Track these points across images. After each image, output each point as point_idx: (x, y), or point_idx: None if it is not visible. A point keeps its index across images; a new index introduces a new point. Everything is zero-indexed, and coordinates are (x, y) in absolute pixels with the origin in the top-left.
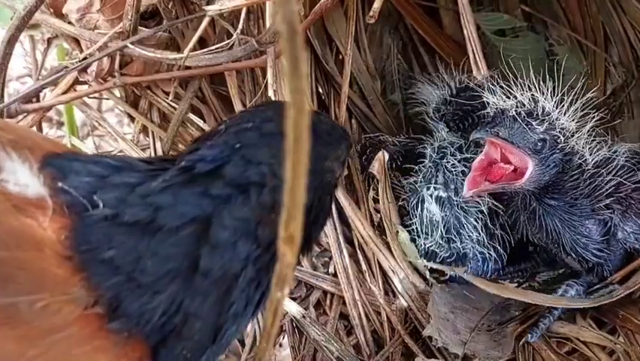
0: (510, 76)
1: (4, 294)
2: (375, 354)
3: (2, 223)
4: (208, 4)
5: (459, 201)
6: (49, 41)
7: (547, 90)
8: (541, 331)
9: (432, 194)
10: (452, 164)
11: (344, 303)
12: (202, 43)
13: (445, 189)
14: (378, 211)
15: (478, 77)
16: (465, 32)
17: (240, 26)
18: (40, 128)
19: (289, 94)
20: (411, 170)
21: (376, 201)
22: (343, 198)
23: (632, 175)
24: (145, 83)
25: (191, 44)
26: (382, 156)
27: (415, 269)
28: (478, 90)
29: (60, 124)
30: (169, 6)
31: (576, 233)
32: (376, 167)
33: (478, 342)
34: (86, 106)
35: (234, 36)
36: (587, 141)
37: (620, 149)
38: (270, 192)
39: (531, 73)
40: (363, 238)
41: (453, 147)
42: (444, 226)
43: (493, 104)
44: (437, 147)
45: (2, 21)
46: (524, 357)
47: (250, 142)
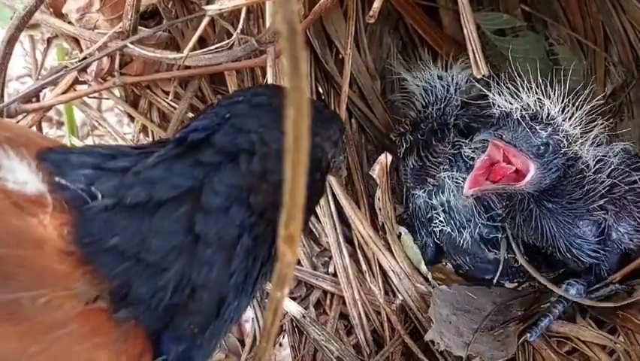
0: (517, 78)
1: (5, 291)
2: (375, 354)
3: (2, 221)
4: (208, 3)
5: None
6: (49, 41)
7: (553, 94)
8: (540, 330)
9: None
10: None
11: (344, 303)
12: (202, 42)
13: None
14: (380, 211)
15: (478, 77)
16: (465, 32)
17: (240, 26)
18: (40, 128)
19: (289, 94)
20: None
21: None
22: (343, 198)
23: (626, 176)
24: (145, 83)
25: (191, 44)
26: (385, 159)
27: (416, 269)
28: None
29: (60, 124)
30: (169, 6)
31: (570, 235)
32: (377, 170)
33: (481, 343)
34: (86, 106)
35: (234, 36)
36: (591, 148)
37: (615, 148)
38: (260, 159)
39: (538, 76)
40: (363, 238)
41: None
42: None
43: (498, 105)
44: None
45: (2, 21)
46: (524, 357)
47: (240, 112)
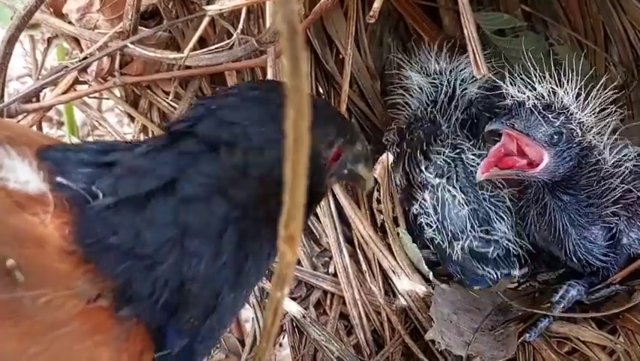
0: (530, 68)
1: (6, 290)
2: (375, 354)
3: (4, 221)
4: (208, 3)
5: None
6: (49, 41)
7: (566, 83)
8: (539, 331)
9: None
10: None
11: (344, 303)
12: (202, 43)
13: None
14: (380, 212)
15: (478, 77)
16: (465, 32)
17: (240, 26)
18: (40, 128)
19: (289, 94)
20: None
21: (379, 201)
22: (343, 198)
23: (639, 183)
24: (145, 83)
25: (191, 44)
26: (386, 159)
27: (416, 269)
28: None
29: (60, 124)
30: (169, 6)
31: (581, 237)
32: (378, 170)
33: (482, 343)
34: (86, 106)
35: (234, 36)
36: (607, 138)
37: (630, 153)
38: (242, 153)
39: (552, 68)
40: (363, 238)
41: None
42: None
43: (511, 95)
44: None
45: (2, 21)
46: (524, 357)
47: (227, 104)
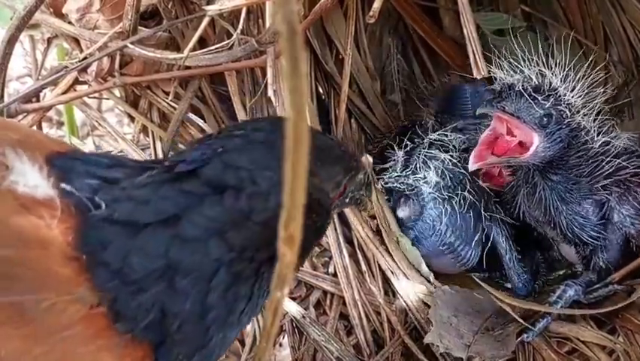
0: (518, 51)
1: (11, 292)
2: (375, 354)
3: (9, 223)
4: (208, 4)
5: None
6: (49, 41)
7: (554, 65)
8: (538, 331)
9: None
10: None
11: (344, 303)
12: (202, 43)
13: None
14: (373, 218)
15: (478, 77)
16: (465, 32)
17: (240, 26)
18: (40, 128)
19: (289, 94)
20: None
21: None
22: None
23: (633, 160)
24: (145, 83)
25: (191, 44)
26: (366, 160)
27: (416, 270)
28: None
29: (60, 124)
30: (169, 6)
31: (573, 213)
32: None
33: (482, 344)
34: (86, 106)
35: (234, 36)
36: (595, 119)
37: (622, 134)
38: (248, 198)
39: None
40: (362, 239)
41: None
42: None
43: (500, 78)
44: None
45: (2, 21)
46: (524, 357)
47: (233, 147)
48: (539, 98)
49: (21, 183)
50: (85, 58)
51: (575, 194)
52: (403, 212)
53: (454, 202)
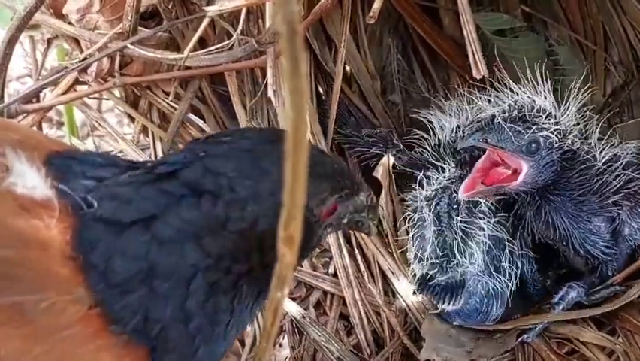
0: (504, 79)
1: (10, 293)
2: (375, 354)
3: (9, 224)
4: (208, 4)
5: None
6: (49, 41)
7: (544, 90)
8: (538, 331)
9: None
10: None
11: (344, 303)
12: (202, 43)
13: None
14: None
15: (478, 77)
16: (465, 32)
17: (240, 27)
18: (40, 128)
19: (289, 94)
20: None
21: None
22: None
23: None
24: (145, 83)
25: (191, 44)
26: (387, 161)
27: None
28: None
29: (60, 124)
30: (169, 6)
31: (585, 230)
32: (380, 171)
33: (484, 348)
34: (86, 106)
35: (234, 36)
36: (595, 138)
37: (629, 146)
38: (225, 205)
39: (528, 73)
40: (362, 239)
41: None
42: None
43: (482, 110)
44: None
45: (2, 21)
46: (524, 358)
47: (217, 153)
48: (520, 127)
49: (20, 184)
50: (85, 58)
51: (585, 212)
52: (451, 307)
53: (500, 275)
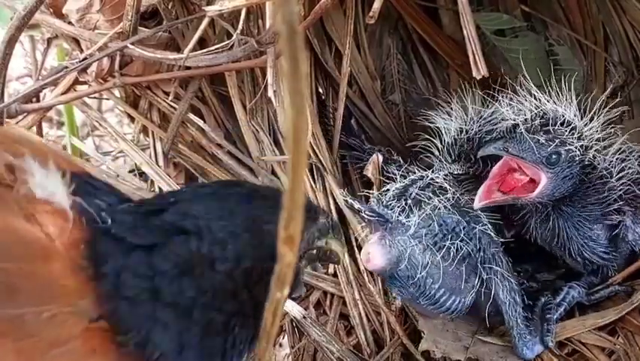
0: (524, 88)
1: (12, 305)
2: (375, 354)
3: (12, 233)
4: (208, 4)
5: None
6: (49, 41)
7: (566, 101)
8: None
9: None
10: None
11: (344, 303)
12: (202, 43)
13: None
14: None
15: (478, 77)
16: (464, 32)
17: (240, 27)
18: (40, 128)
19: (289, 94)
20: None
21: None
22: (342, 200)
23: None
24: (145, 83)
25: (191, 45)
26: (377, 159)
27: None
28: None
29: (60, 124)
30: (169, 6)
31: (585, 237)
32: (370, 169)
33: (481, 346)
34: (86, 106)
35: (234, 36)
36: (615, 154)
37: (634, 151)
38: (209, 244)
39: (548, 82)
40: (362, 239)
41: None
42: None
43: (505, 119)
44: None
45: (2, 21)
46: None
47: (183, 198)
48: (543, 138)
49: (40, 188)
50: (85, 58)
51: (588, 220)
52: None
53: (442, 253)
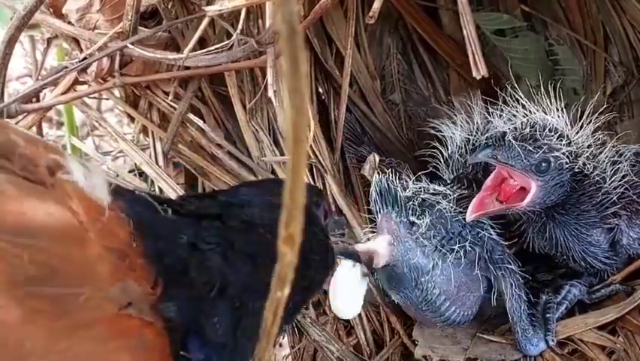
0: (514, 95)
1: (53, 284)
2: (375, 354)
3: (51, 217)
4: (208, 4)
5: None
6: (49, 41)
7: (556, 109)
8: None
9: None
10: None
11: None
12: (202, 43)
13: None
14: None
15: (478, 77)
16: (464, 32)
17: (240, 26)
18: (40, 128)
19: (289, 94)
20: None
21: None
22: (341, 198)
23: (638, 180)
24: (145, 83)
25: (191, 44)
26: (373, 158)
27: None
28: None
29: (60, 124)
30: (169, 6)
31: (585, 243)
32: (367, 169)
33: (481, 346)
34: (86, 106)
35: (234, 36)
36: (606, 160)
37: (627, 153)
38: (272, 237)
39: (541, 88)
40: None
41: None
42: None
43: (494, 126)
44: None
45: (2, 21)
46: (524, 357)
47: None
48: (531, 147)
49: (81, 179)
50: (85, 58)
51: (585, 226)
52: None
53: (449, 258)
